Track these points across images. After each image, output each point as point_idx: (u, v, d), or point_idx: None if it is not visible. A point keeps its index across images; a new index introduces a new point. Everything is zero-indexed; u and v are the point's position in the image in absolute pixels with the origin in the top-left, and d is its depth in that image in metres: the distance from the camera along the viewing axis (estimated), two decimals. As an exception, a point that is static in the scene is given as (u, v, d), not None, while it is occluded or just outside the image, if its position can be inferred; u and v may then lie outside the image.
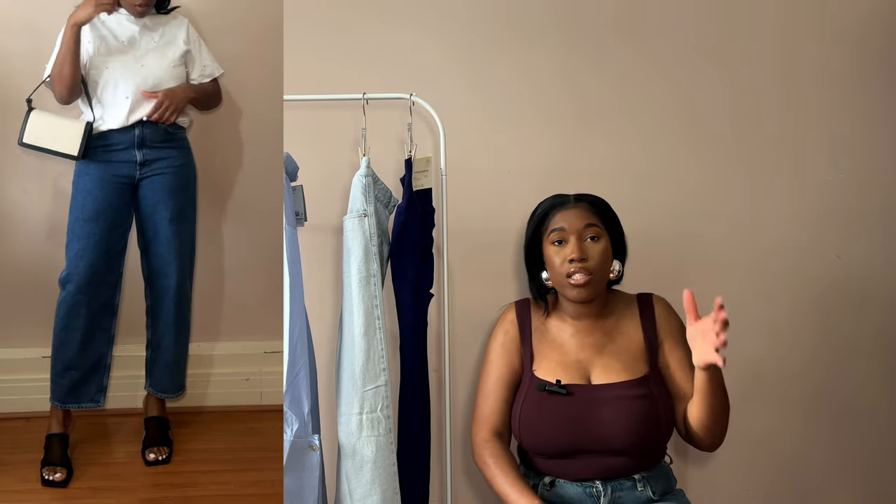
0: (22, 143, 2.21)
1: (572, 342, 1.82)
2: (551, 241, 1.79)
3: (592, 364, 1.78)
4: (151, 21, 2.30)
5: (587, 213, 1.79)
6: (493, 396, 1.83)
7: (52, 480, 2.23)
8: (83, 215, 2.24)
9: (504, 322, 1.89)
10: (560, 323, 1.85)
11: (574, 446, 1.72)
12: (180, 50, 2.30)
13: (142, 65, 2.25)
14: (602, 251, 1.77)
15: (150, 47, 2.27)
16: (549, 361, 1.80)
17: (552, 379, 1.76)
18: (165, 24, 2.32)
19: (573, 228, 1.77)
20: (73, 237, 2.25)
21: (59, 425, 2.34)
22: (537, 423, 1.75)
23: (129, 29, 2.27)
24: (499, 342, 1.87)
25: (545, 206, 1.84)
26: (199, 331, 2.63)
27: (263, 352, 2.74)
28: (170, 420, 2.49)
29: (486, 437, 1.80)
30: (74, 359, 2.29)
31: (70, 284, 2.24)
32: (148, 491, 2.23)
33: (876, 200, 2.16)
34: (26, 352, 2.61)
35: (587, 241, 1.77)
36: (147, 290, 2.41)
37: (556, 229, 1.79)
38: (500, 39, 2.13)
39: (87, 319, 2.27)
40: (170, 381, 2.46)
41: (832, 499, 2.18)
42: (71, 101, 2.25)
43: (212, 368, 2.74)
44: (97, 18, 2.22)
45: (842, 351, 2.17)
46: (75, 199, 2.26)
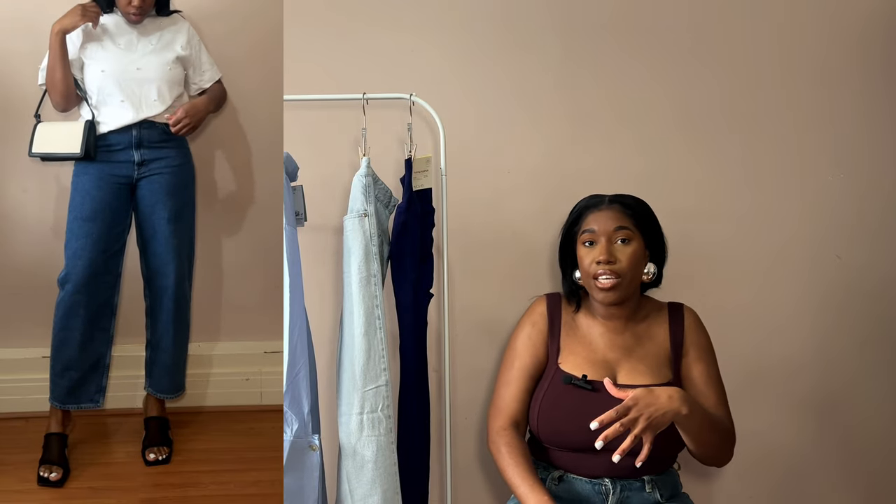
0: (31, 154, 2.22)
1: (601, 341, 1.82)
2: (582, 241, 1.80)
3: (620, 365, 1.78)
4: (150, 24, 2.30)
5: (619, 214, 1.79)
6: (514, 385, 1.82)
7: (48, 479, 2.22)
8: (81, 215, 2.24)
9: (533, 314, 1.89)
10: (590, 321, 1.85)
11: (590, 442, 1.72)
12: (176, 54, 2.29)
13: (138, 68, 2.24)
14: (632, 254, 1.77)
15: (147, 50, 2.27)
16: (576, 357, 1.80)
17: (578, 374, 1.76)
18: (165, 27, 2.31)
19: (603, 230, 1.77)
20: (71, 237, 2.25)
21: (59, 425, 2.34)
22: (557, 416, 1.75)
23: (126, 31, 2.27)
24: (525, 333, 1.86)
25: (580, 206, 1.84)
26: (198, 331, 2.63)
27: (263, 352, 2.74)
28: (170, 420, 2.49)
29: (504, 426, 1.79)
30: (74, 359, 2.29)
31: (68, 284, 2.24)
32: (148, 491, 2.23)
33: (876, 200, 2.16)
34: (26, 352, 2.61)
35: (617, 243, 1.77)
36: (146, 289, 2.41)
37: (587, 230, 1.79)
38: (500, 40, 2.13)
39: (85, 319, 2.27)
40: (169, 382, 2.46)
41: (833, 499, 2.19)
42: (69, 108, 2.25)
43: (212, 368, 2.74)
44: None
45: (843, 351, 2.17)
46: (74, 199, 2.26)
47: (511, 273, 2.11)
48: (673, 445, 1.73)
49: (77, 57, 2.22)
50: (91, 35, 2.23)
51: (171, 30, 2.32)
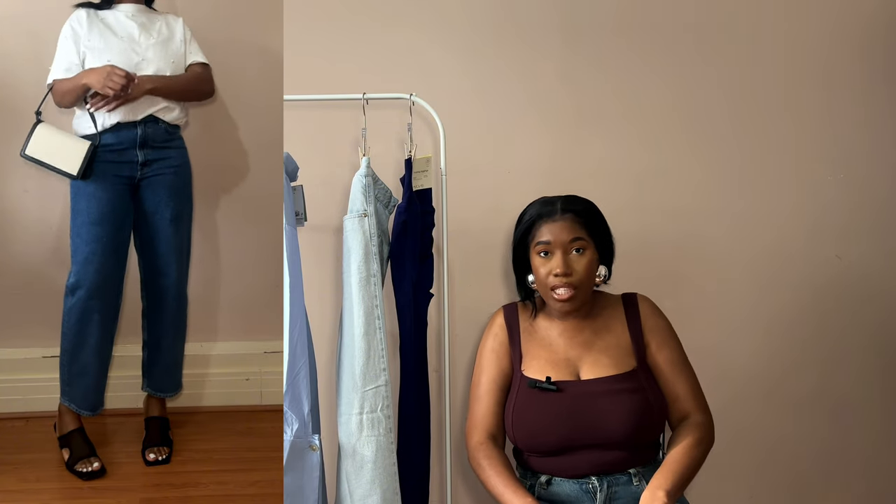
0: (23, 154, 2.20)
1: (560, 341, 1.83)
2: (537, 251, 1.81)
3: (581, 361, 1.80)
4: (147, 18, 2.30)
5: (573, 225, 1.79)
6: (485, 400, 1.83)
7: (92, 472, 2.24)
8: (90, 219, 2.21)
9: (493, 326, 1.91)
10: (548, 323, 1.87)
11: (567, 442, 1.73)
12: (176, 46, 2.29)
13: (142, 58, 2.23)
14: (587, 264, 1.79)
15: (150, 43, 2.26)
16: (539, 360, 1.81)
17: (542, 377, 1.77)
18: (162, 20, 2.31)
19: (559, 242, 1.78)
20: (80, 242, 2.22)
21: (75, 420, 2.34)
22: (529, 421, 1.76)
23: (127, 26, 2.26)
24: (489, 347, 1.88)
25: (532, 214, 1.84)
26: (198, 331, 2.63)
27: (263, 352, 2.74)
28: (170, 420, 2.49)
29: (480, 440, 1.80)
30: (90, 364, 2.28)
31: (80, 290, 2.21)
32: (148, 491, 2.23)
33: (876, 200, 2.16)
34: (26, 352, 2.62)
35: (572, 253, 1.78)
36: (144, 290, 2.40)
37: (541, 242, 1.80)
38: (501, 39, 2.13)
39: (99, 324, 2.26)
40: (170, 381, 2.46)
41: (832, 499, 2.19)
42: (71, 107, 2.25)
43: (212, 368, 2.74)
44: (95, 15, 2.23)
45: (842, 351, 2.17)
46: (79, 202, 2.23)
47: (511, 273, 2.11)
48: (649, 428, 1.75)
49: (82, 51, 2.20)
50: (95, 28, 2.22)
51: (169, 21, 2.32)
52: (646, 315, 1.85)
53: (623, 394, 1.73)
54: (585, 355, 1.80)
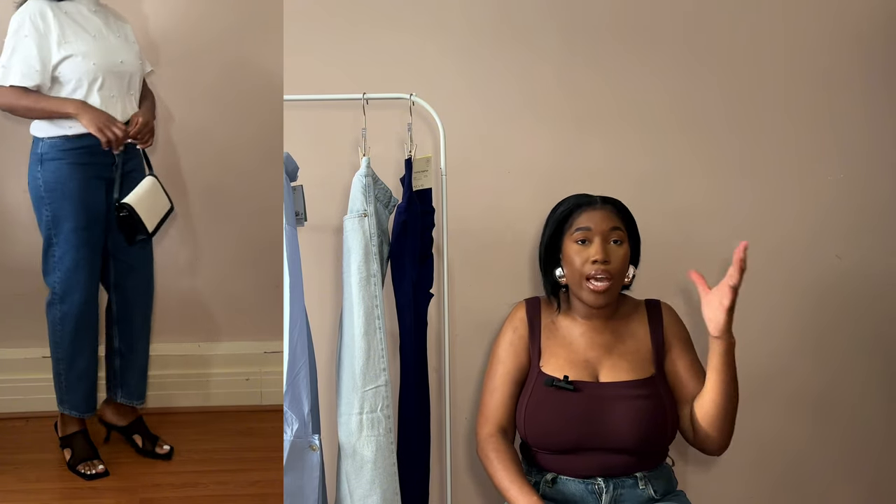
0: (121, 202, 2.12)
1: (582, 341, 1.82)
2: (575, 239, 1.79)
3: (601, 363, 1.79)
4: (103, 12, 2.20)
5: (613, 215, 1.79)
6: (499, 392, 1.83)
7: (97, 473, 2.24)
8: (77, 224, 2.15)
9: (514, 319, 1.89)
10: (570, 322, 1.85)
11: (578, 442, 1.73)
12: (135, 48, 2.22)
13: (121, 60, 2.16)
14: (624, 256, 1.78)
15: (119, 43, 2.18)
16: (558, 358, 1.81)
17: (560, 375, 1.76)
18: (111, 15, 2.21)
19: (599, 229, 1.77)
20: (67, 247, 2.15)
21: (78, 423, 2.32)
22: (542, 418, 1.75)
23: (94, 21, 2.15)
24: (507, 339, 1.87)
25: (570, 203, 1.83)
26: (199, 331, 2.63)
27: (263, 352, 2.74)
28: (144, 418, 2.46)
29: (491, 433, 1.80)
30: (88, 368, 2.27)
31: (75, 295, 2.17)
32: (148, 491, 2.23)
33: (876, 201, 2.16)
34: (26, 352, 2.61)
35: (611, 243, 1.77)
36: (113, 295, 2.32)
37: (581, 228, 1.78)
38: (500, 39, 2.13)
39: (95, 329, 2.25)
40: (143, 386, 2.41)
41: (832, 499, 2.18)
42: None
43: (212, 368, 2.74)
44: (58, 8, 2.09)
45: (842, 352, 2.17)
46: (62, 207, 2.14)
47: (511, 273, 2.11)
48: (661, 436, 1.74)
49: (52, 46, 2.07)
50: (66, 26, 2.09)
51: (116, 18, 2.23)
52: (669, 323, 1.84)
53: (639, 400, 1.73)
54: (605, 358, 1.79)
